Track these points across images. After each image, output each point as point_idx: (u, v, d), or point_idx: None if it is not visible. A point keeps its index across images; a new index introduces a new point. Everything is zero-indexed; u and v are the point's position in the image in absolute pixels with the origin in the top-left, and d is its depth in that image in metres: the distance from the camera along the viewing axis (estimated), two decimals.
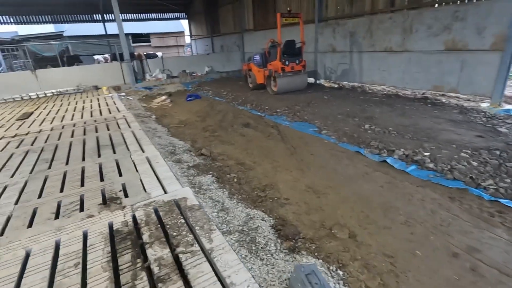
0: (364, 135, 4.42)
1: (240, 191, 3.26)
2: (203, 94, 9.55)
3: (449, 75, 5.84)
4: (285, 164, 3.87)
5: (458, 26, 5.52)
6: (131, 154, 3.60)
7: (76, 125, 5.31)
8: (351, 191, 3.09)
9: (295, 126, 5.35)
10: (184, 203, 2.38)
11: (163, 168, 3.11)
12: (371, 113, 5.49)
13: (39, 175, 3.16)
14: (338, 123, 5.10)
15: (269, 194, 3.16)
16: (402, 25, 6.48)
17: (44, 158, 3.70)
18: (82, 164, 3.38)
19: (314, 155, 4.04)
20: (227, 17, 14.78)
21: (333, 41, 8.47)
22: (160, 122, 6.62)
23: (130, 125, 5.06)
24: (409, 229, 2.43)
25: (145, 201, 2.45)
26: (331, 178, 3.41)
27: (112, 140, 4.24)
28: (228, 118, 6.41)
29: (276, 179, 3.48)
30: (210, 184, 3.34)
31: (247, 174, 3.68)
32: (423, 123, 4.73)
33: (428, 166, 3.35)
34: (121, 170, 3.13)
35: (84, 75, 10.62)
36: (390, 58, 6.93)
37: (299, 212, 2.81)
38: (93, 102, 7.69)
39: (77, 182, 2.91)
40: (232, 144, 4.82)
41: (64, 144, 4.21)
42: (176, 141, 5.01)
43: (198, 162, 4.00)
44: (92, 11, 18.08)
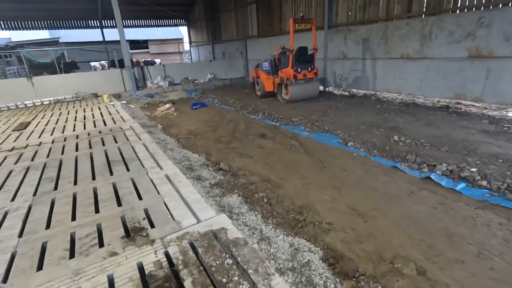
0: (396, 148, 4.10)
1: (274, 214, 2.89)
2: (208, 102, 9.21)
3: (472, 83, 5.60)
4: (316, 180, 3.52)
5: (483, 33, 5.30)
6: (147, 171, 3.21)
7: (80, 137, 4.90)
8: (400, 214, 2.74)
9: (316, 137, 5.01)
10: (225, 235, 2.01)
11: (188, 189, 2.73)
12: (394, 123, 5.20)
13: (45, 198, 2.75)
14: (363, 134, 4.78)
15: (307, 218, 2.79)
16: (420, 31, 6.27)
17: (48, 176, 3.29)
18: (93, 184, 2.98)
19: (347, 171, 3.70)
20: (230, 23, 14.56)
21: (344, 47, 8.24)
22: (167, 133, 6.23)
23: (140, 136, 4.67)
24: (486, 263, 2.09)
25: (177, 232, 2.07)
26: (372, 197, 3.06)
27: (122, 154, 3.85)
28: (241, 128, 6.06)
29: (310, 199, 3.12)
30: (240, 205, 2.96)
31: (277, 192, 3.31)
32: (455, 135, 4.44)
33: (480, 184, 3.03)
34: (140, 192, 2.74)
35: (82, 82, 10.20)
36: (407, 65, 6.70)
37: (348, 240, 2.45)
38: (95, 111, 7.27)
39: (91, 207, 2.52)
40: (251, 157, 4.46)
41: (69, 159, 3.80)
42: (189, 154, 4.63)
43: (220, 179, 3.62)
44: (90, 17, 17.73)
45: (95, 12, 16.47)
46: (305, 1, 9.42)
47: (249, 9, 12.55)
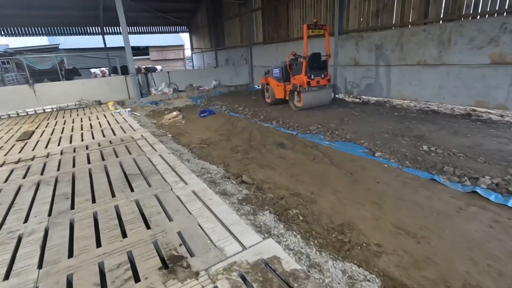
0: (429, 158, 3.88)
1: (313, 234, 2.64)
2: (216, 109, 8.98)
3: (496, 90, 5.44)
4: (351, 195, 3.27)
5: (506, 39, 5.16)
6: (171, 187, 2.95)
7: (90, 147, 4.63)
8: (455, 234, 2.50)
9: (338, 146, 4.79)
10: (280, 266, 1.75)
11: (222, 208, 2.48)
12: (419, 132, 4.99)
13: (62, 218, 2.47)
14: (389, 143, 4.56)
15: (352, 238, 2.54)
16: (438, 37, 6.13)
17: (63, 192, 3.01)
18: (113, 202, 2.71)
19: (381, 184, 3.47)
20: (234, 30, 14.44)
21: (356, 54, 8.09)
22: (178, 142, 5.97)
23: (155, 147, 4.41)
24: None
25: (222, 262, 1.81)
26: (418, 214, 2.82)
27: (140, 167, 3.59)
28: (256, 136, 5.82)
29: (349, 216, 2.87)
30: (276, 225, 2.70)
31: (311, 209, 3.06)
32: (487, 144, 4.24)
33: None
34: (168, 211, 2.48)
35: (85, 90, 9.93)
36: (424, 72, 6.54)
37: (404, 265, 2.20)
38: (101, 119, 7.01)
39: (116, 230, 2.25)
40: (274, 169, 4.21)
41: (82, 172, 3.53)
42: (207, 166, 4.37)
43: (246, 194, 3.36)
44: (91, 23, 17.55)
45: (97, 19, 16.30)
46: (314, 8, 9.30)
47: (254, 15, 12.44)
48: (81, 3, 13.52)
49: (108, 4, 13.29)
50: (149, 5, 14.22)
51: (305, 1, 9.64)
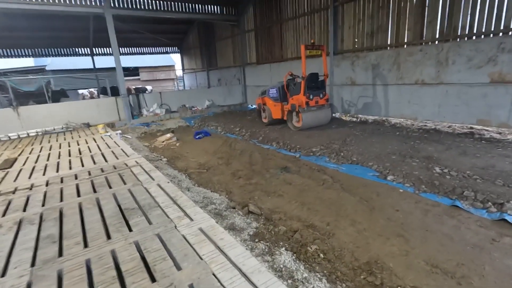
0: (445, 182, 3.69)
1: (338, 276, 2.34)
2: (211, 131, 8.72)
3: (497, 109, 5.43)
4: (371, 226, 3.01)
5: (504, 58, 5.21)
6: (175, 224, 2.61)
7: (79, 176, 4.23)
8: (497, 271, 2.25)
9: (346, 170, 4.57)
10: None
11: (237, 251, 2.15)
12: (426, 152, 4.85)
13: (47, 270, 2.09)
14: (399, 165, 4.38)
15: (384, 280, 2.25)
16: (436, 57, 6.18)
17: (48, 234, 2.62)
18: (109, 246, 2.34)
19: (401, 212, 3.23)
20: (226, 50, 14.49)
21: (352, 73, 8.10)
22: (175, 166, 5.64)
23: (152, 175, 4.06)
24: None
25: None
26: (450, 248, 2.57)
27: (137, 200, 3.23)
28: (257, 159, 5.56)
29: (374, 252, 2.59)
30: (296, 267, 2.39)
31: (330, 243, 2.77)
32: (500, 165, 4.11)
33: None
34: (175, 257, 2.14)
35: (73, 112, 9.53)
36: (423, 91, 6.54)
37: None
38: (90, 144, 6.60)
39: (114, 285, 1.88)
40: (281, 196, 3.93)
41: (71, 208, 3.14)
42: (209, 194, 4.05)
43: (257, 228, 3.05)
44: (80, 44, 17.34)
45: (86, 40, 16.11)
46: (308, 29, 9.41)
47: (247, 36, 12.54)
48: (71, 25, 13.33)
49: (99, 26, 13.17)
50: (140, 26, 14.17)
51: (298, 23, 9.75)
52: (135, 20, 12.46)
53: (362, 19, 7.66)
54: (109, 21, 9.22)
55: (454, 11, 5.84)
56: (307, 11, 9.25)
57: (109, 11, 9.20)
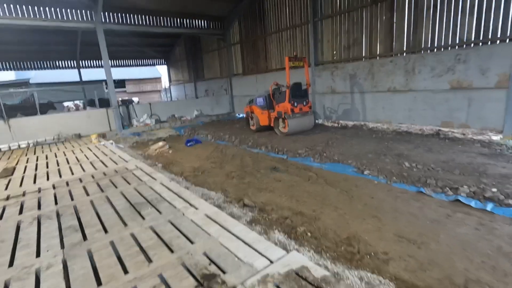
0: (412, 173, 4.28)
1: (324, 248, 2.80)
2: (202, 138, 9.11)
3: (457, 112, 6.19)
4: (351, 210, 3.52)
5: (461, 68, 6.00)
6: (183, 212, 3.03)
7: (84, 180, 4.55)
8: (449, 238, 2.79)
9: (329, 167, 5.11)
10: (310, 274, 1.90)
11: (240, 228, 2.60)
12: (398, 151, 5.48)
13: (78, 250, 2.44)
14: (374, 162, 4.96)
15: (360, 249, 2.74)
16: (404, 67, 6.95)
17: (69, 225, 2.96)
18: (127, 230, 2.72)
19: (376, 199, 3.76)
20: (213, 62, 15.06)
21: (332, 83, 8.81)
22: (170, 171, 5.98)
23: (153, 176, 4.45)
24: None
25: (255, 276, 1.92)
26: (414, 223, 3.11)
27: (144, 196, 3.61)
28: (248, 162, 6.01)
29: (354, 229, 3.09)
30: (289, 242, 2.84)
31: (316, 225, 3.24)
32: (459, 159, 4.77)
33: (507, 203, 3.22)
34: (187, 235, 2.55)
35: (64, 123, 9.70)
36: (395, 97, 7.28)
37: (412, 268, 2.42)
38: (86, 152, 6.86)
39: (140, 257, 2.27)
40: (272, 191, 4.38)
41: (84, 205, 3.48)
42: (207, 192, 4.45)
43: (254, 216, 3.49)
44: (66, 57, 17.41)
45: (73, 53, 16.26)
46: (290, 42, 10.12)
47: (233, 49, 13.16)
48: (58, 39, 13.53)
49: (87, 39, 13.45)
50: (127, 40, 14.54)
51: (281, 36, 10.47)
52: (122, 33, 12.82)
53: (339, 34, 8.43)
54: (100, 36, 9.57)
55: (418, 27, 6.65)
56: (289, 25, 9.98)
57: (100, 26, 9.56)
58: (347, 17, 8.11)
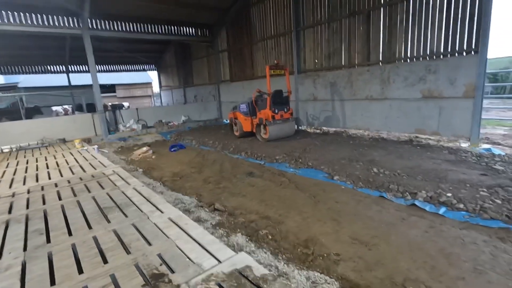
0: (378, 179, 4.47)
1: (281, 250, 2.94)
2: (186, 144, 9.22)
3: (429, 119, 6.44)
4: (314, 214, 3.67)
5: (431, 78, 6.27)
6: (148, 216, 3.13)
7: (59, 184, 4.61)
8: (399, 240, 2.96)
9: (302, 173, 5.27)
10: (251, 273, 2.03)
11: (198, 231, 2.72)
12: (371, 157, 5.68)
13: (39, 252, 2.53)
14: (345, 168, 5.14)
15: (315, 251, 2.88)
16: (380, 76, 7.21)
17: (36, 228, 3.04)
18: (91, 233, 2.82)
19: (340, 203, 3.92)
20: (202, 69, 15.24)
21: (314, 90, 9.04)
22: (150, 176, 6.08)
23: (128, 181, 4.54)
24: (483, 277, 2.32)
25: (201, 275, 2.04)
26: (370, 226, 3.27)
27: (114, 200, 3.71)
28: (227, 167, 6.14)
29: (313, 232, 3.23)
30: (247, 244, 2.97)
31: (279, 229, 3.38)
32: (425, 165, 4.98)
33: (458, 207, 3.41)
34: (147, 237, 2.66)
35: (49, 128, 9.71)
36: (372, 105, 7.52)
37: (359, 268, 2.57)
38: (67, 157, 6.91)
39: (97, 258, 2.37)
40: (244, 196, 4.51)
41: (55, 209, 3.56)
42: (181, 196, 4.56)
43: (219, 220, 3.61)
44: (55, 62, 17.41)
45: (62, 58, 16.28)
46: (275, 50, 10.36)
47: (221, 56, 13.38)
48: (47, 44, 13.56)
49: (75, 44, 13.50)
50: (117, 46, 14.64)
51: (267, 45, 10.71)
52: (113, 39, 12.92)
53: (320, 43, 8.70)
54: (87, 42, 9.67)
55: (392, 39, 6.94)
56: (273, 34, 10.24)
57: (87, 33, 9.67)
58: (328, 28, 8.39)
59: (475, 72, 5.61)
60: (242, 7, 11.32)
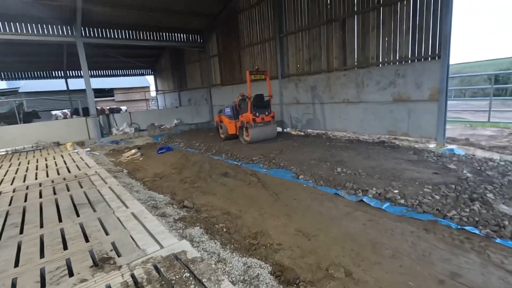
0: (339, 178, 4.78)
1: (231, 241, 3.26)
2: (174, 146, 9.58)
3: (400, 122, 6.74)
4: (271, 210, 3.98)
5: (400, 82, 6.57)
6: (114, 211, 3.47)
7: (43, 184, 4.97)
8: (339, 232, 3.26)
9: (273, 173, 5.58)
10: (185, 256, 2.35)
11: (153, 223, 3.05)
12: (340, 158, 5.98)
13: (10, 242, 2.88)
14: (312, 168, 5.45)
15: (261, 241, 3.20)
16: (355, 80, 7.52)
17: (13, 222, 3.39)
18: (60, 226, 3.16)
19: (297, 200, 4.23)
20: (195, 73, 15.65)
21: (297, 94, 9.37)
22: (133, 177, 6.43)
23: (106, 180, 4.89)
24: (397, 262, 2.63)
25: (142, 258, 2.37)
26: (317, 220, 3.58)
27: (88, 198, 4.05)
28: (205, 168, 6.47)
29: (265, 226, 3.55)
30: (201, 236, 3.29)
31: (235, 223, 3.70)
32: (387, 164, 5.28)
33: (400, 202, 3.71)
34: (107, 229, 3.00)
35: (44, 132, 10.13)
36: (349, 108, 7.83)
37: (294, 256, 2.88)
38: (58, 159, 7.29)
39: (59, 246, 2.71)
40: (214, 194, 4.84)
41: (33, 205, 3.91)
42: (155, 195, 4.89)
43: (183, 215, 3.94)
44: (54, 67, 17.92)
45: (60, 64, 16.78)
46: (261, 55, 10.72)
47: (212, 61, 13.77)
48: (46, 51, 14.04)
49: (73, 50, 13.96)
50: (114, 51, 15.09)
51: (254, 50, 11.08)
52: (108, 46, 13.36)
53: (302, 49, 9.04)
54: (80, 49, 10.10)
55: (365, 45, 7.26)
56: (259, 40, 10.60)
57: (80, 40, 10.10)
58: (308, 34, 8.73)
59: (439, 77, 5.91)
60: (231, 14, 11.71)
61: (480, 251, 2.67)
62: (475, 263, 2.51)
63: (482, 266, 2.48)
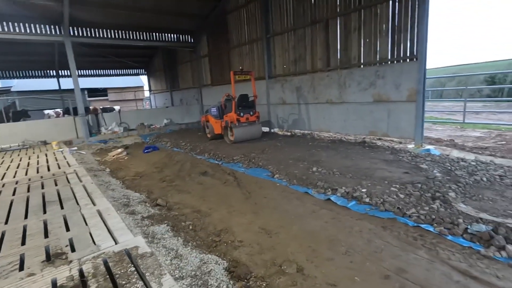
0: (312, 177, 4.83)
1: (195, 238, 3.31)
2: (161, 146, 9.61)
3: (380, 122, 6.81)
4: (240, 208, 4.03)
5: (380, 83, 6.65)
6: (81, 208, 3.51)
7: (19, 182, 5.00)
8: (300, 229, 3.32)
9: (250, 172, 5.63)
10: (136, 252, 2.40)
11: (115, 220, 3.09)
12: (318, 157, 6.04)
13: None
14: (289, 167, 5.51)
15: (223, 238, 3.25)
16: (337, 81, 7.59)
17: None
18: (24, 222, 3.20)
19: (267, 198, 4.29)
20: (186, 73, 15.69)
21: (283, 94, 9.43)
22: (114, 175, 6.46)
23: (81, 179, 4.92)
24: (349, 258, 2.68)
25: (94, 253, 2.41)
26: (282, 218, 3.63)
27: (60, 195, 4.09)
28: (186, 167, 6.51)
29: (231, 224, 3.60)
30: (164, 233, 3.34)
31: (203, 220, 3.75)
32: (362, 164, 5.34)
33: (365, 201, 3.77)
34: (69, 225, 3.04)
35: (31, 131, 10.14)
36: (332, 108, 7.90)
37: (252, 253, 2.93)
38: (41, 158, 7.31)
39: (17, 241, 2.75)
40: (189, 193, 4.89)
41: (4, 203, 3.94)
42: (131, 193, 4.93)
43: (153, 213, 3.98)
44: (46, 67, 17.90)
45: (52, 63, 16.76)
46: (250, 56, 10.78)
47: (203, 61, 13.82)
48: (37, 50, 14.03)
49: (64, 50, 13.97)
50: (106, 51, 15.10)
51: (242, 50, 11.13)
52: (99, 45, 13.38)
53: (288, 49, 9.11)
54: (68, 48, 10.12)
55: (348, 46, 7.33)
56: (247, 40, 10.66)
57: (68, 39, 10.12)
58: (294, 35, 8.80)
59: (416, 78, 5.99)
60: (220, 14, 11.76)
61: (431, 247, 2.73)
62: (423, 259, 2.57)
63: (429, 262, 2.54)
